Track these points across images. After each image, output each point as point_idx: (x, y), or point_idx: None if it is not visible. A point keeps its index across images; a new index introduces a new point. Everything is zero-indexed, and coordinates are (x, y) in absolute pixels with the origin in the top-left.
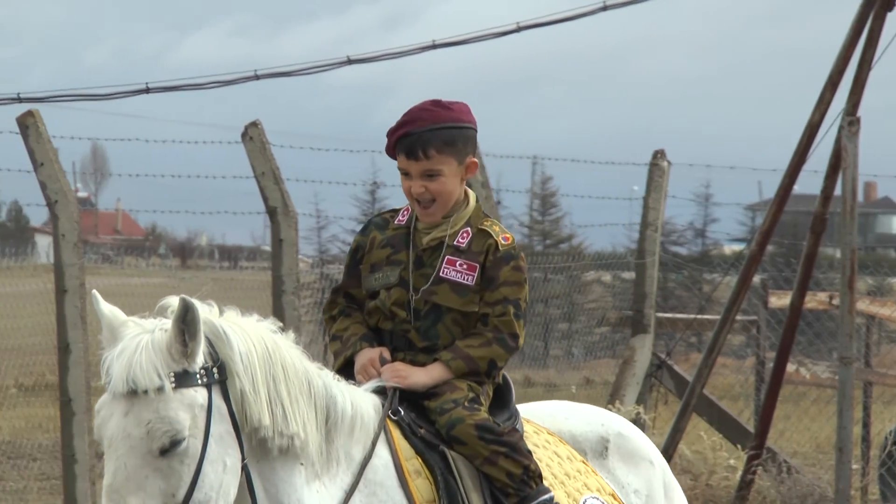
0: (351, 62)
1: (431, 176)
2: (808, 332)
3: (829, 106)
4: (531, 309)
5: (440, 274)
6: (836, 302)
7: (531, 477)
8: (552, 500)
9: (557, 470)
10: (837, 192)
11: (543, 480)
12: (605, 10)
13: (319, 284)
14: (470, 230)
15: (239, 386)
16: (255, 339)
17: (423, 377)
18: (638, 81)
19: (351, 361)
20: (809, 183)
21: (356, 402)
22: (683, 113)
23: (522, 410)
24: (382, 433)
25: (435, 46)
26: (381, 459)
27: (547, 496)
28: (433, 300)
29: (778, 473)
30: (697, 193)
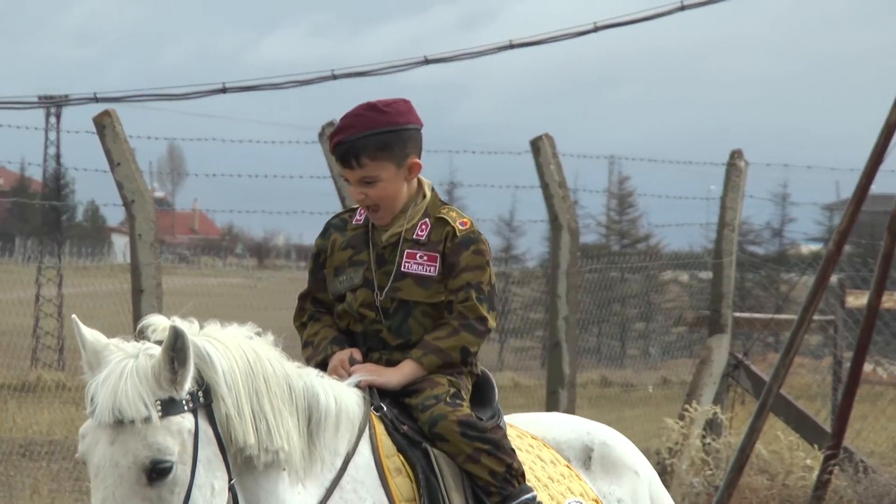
0: (428, 62)
1: (369, 183)
2: (885, 331)
3: None
4: (608, 308)
5: (402, 269)
6: None
7: (514, 475)
8: (535, 499)
9: (541, 473)
10: None
11: (526, 481)
12: (682, 9)
13: None
14: (428, 221)
15: (224, 409)
16: (236, 354)
17: (395, 377)
18: (715, 81)
19: (324, 366)
20: (887, 183)
21: (340, 397)
22: (761, 112)
23: (509, 419)
24: (367, 428)
25: (512, 46)
26: (361, 457)
27: (529, 495)
28: (399, 296)
29: (854, 473)
30: (775, 193)
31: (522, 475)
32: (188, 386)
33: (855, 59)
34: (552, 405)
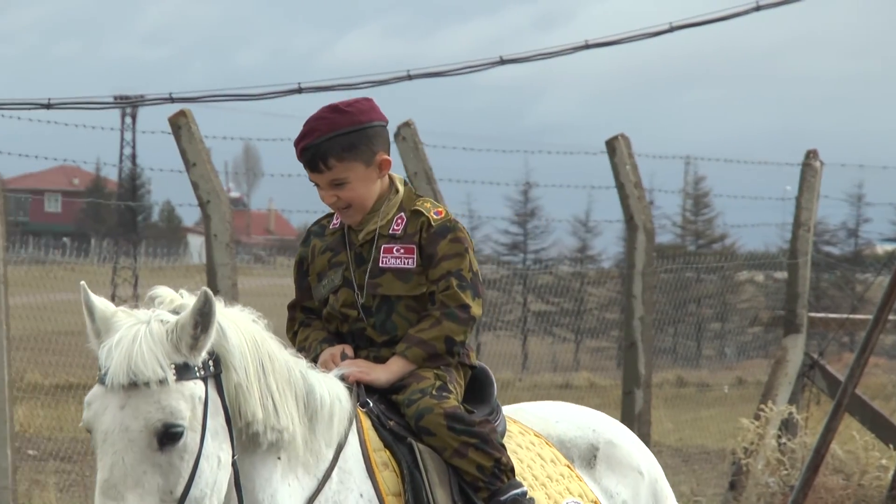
0: (503, 62)
1: (339, 185)
2: None
3: None
4: (683, 308)
5: (380, 265)
6: None
7: (502, 470)
8: (525, 494)
9: (539, 472)
10: None
11: (523, 481)
12: (758, 9)
13: None
14: (404, 215)
15: (234, 379)
16: (244, 331)
17: (383, 374)
18: (791, 81)
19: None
20: None
21: (332, 389)
22: (836, 113)
23: (513, 410)
24: (354, 421)
25: (587, 46)
26: (351, 447)
27: (519, 490)
28: (380, 292)
29: None
30: (850, 193)
31: (512, 470)
32: (205, 352)
33: None
34: (628, 405)
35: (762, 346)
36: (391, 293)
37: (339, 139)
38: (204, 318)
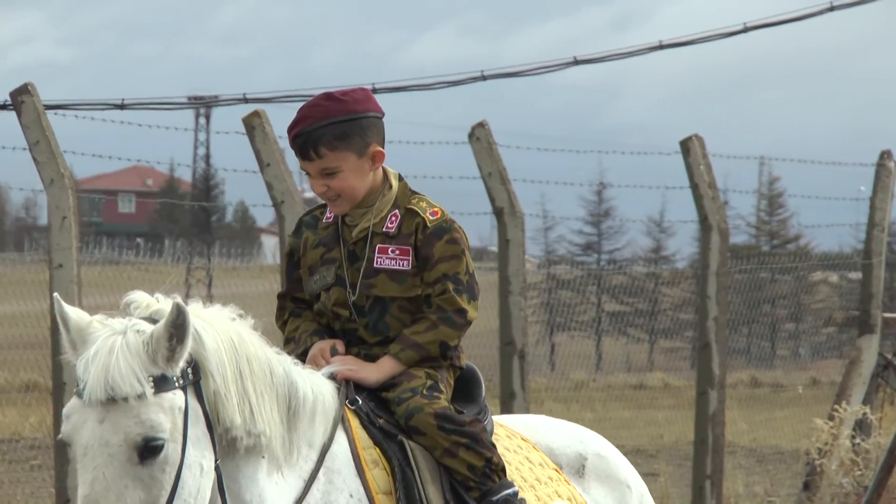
0: (577, 63)
1: (330, 174)
2: None
3: None
4: (758, 309)
5: (375, 265)
6: None
7: (494, 470)
8: (516, 494)
9: (528, 474)
10: None
11: (508, 477)
12: (832, 10)
13: (546, 285)
14: (398, 213)
15: (213, 386)
16: (222, 334)
17: (373, 373)
18: (865, 81)
19: (304, 358)
20: None
21: (316, 386)
22: None
23: (498, 419)
24: (342, 419)
25: (661, 47)
26: (339, 446)
27: (511, 490)
28: (373, 293)
29: None
30: None
31: (503, 470)
32: (182, 363)
33: None
34: (701, 406)
35: (836, 346)
36: (385, 294)
37: (331, 127)
38: (178, 329)
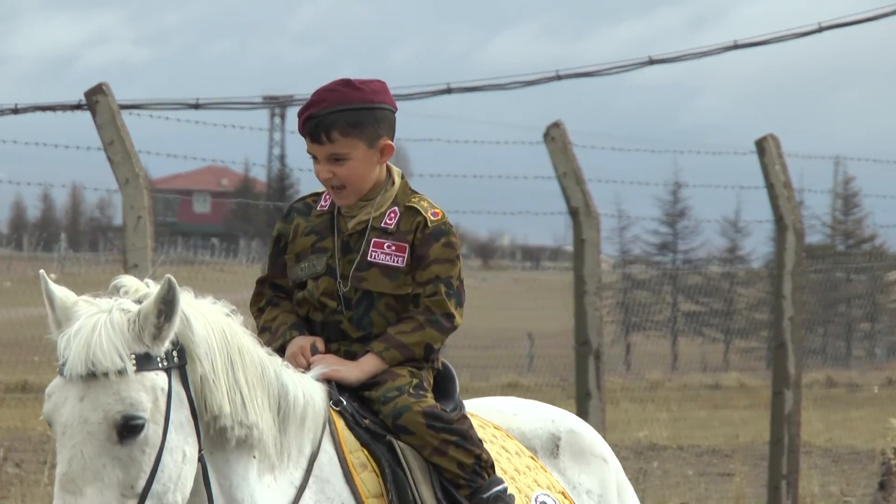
0: (653, 62)
1: (338, 160)
2: None
3: None
4: (833, 309)
5: (369, 258)
6: None
7: (483, 467)
8: (506, 490)
9: (507, 465)
10: None
11: (501, 479)
12: None
13: (621, 285)
14: (398, 209)
15: (199, 371)
16: (212, 322)
17: (355, 372)
18: None
19: (282, 352)
20: None
21: (307, 391)
22: None
23: (467, 405)
24: (328, 425)
25: (736, 47)
26: (325, 454)
27: (500, 487)
28: (363, 286)
29: None
30: None
31: (492, 466)
32: (168, 342)
33: None
34: (777, 406)
35: None
36: (375, 289)
37: (346, 113)
38: (167, 305)
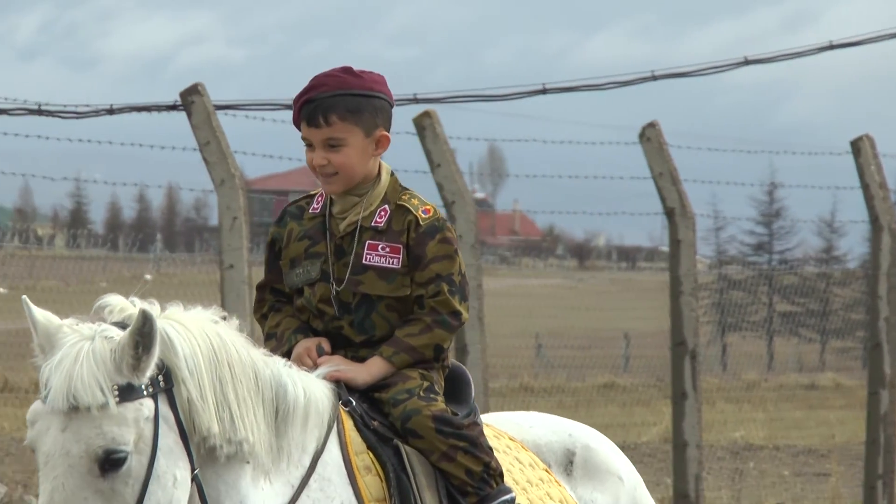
0: (748, 63)
1: (334, 146)
2: None
3: None
4: None
5: (364, 261)
6: None
7: (492, 475)
8: (514, 500)
9: (519, 476)
10: None
11: (510, 488)
12: None
13: (717, 285)
14: (388, 208)
15: (185, 394)
16: (199, 338)
17: (363, 375)
18: None
19: (289, 357)
20: None
21: (309, 389)
22: None
23: (483, 418)
24: (336, 424)
25: (832, 47)
26: (329, 453)
27: (509, 496)
28: (360, 290)
29: None
30: None
31: (501, 475)
32: (149, 372)
33: None
34: (873, 406)
35: None
36: (373, 292)
37: (346, 98)
38: (145, 338)
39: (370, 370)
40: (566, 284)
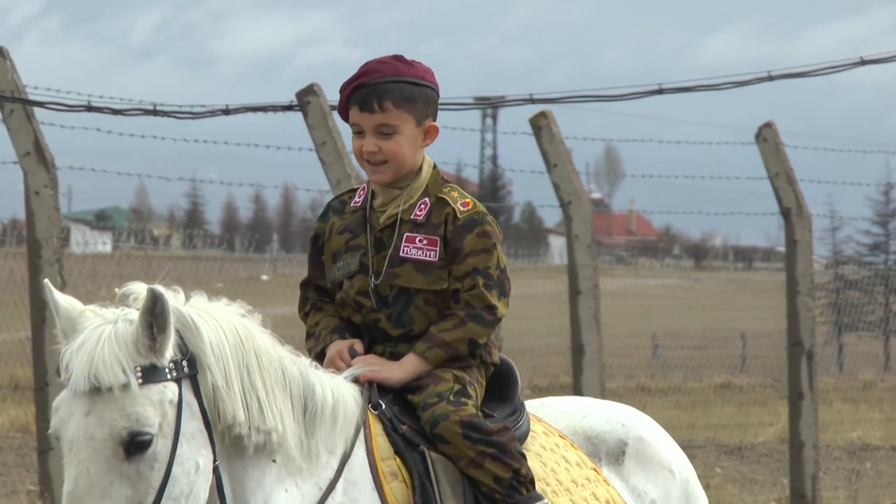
0: (864, 63)
1: (386, 133)
2: None
3: None
4: None
5: (401, 254)
6: None
7: (521, 482)
8: None
9: (564, 476)
10: None
11: (547, 486)
12: None
13: (834, 285)
14: (428, 200)
15: (210, 380)
16: (225, 327)
17: (396, 373)
18: None
19: (323, 357)
20: None
21: (337, 390)
22: None
23: (537, 405)
24: (363, 428)
25: None
26: (356, 457)
27: (539, 503)
28: (398, 283)
29: None
30: None
31: (531, 481)
32: (169, 353)
33: None
34: None
35: None
36: (410, 285)
37: (400, 85)
38: (157, 317)
39: (404, 368)
40: (683, 284)
